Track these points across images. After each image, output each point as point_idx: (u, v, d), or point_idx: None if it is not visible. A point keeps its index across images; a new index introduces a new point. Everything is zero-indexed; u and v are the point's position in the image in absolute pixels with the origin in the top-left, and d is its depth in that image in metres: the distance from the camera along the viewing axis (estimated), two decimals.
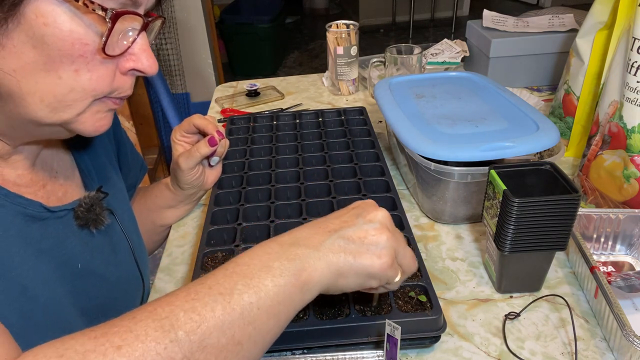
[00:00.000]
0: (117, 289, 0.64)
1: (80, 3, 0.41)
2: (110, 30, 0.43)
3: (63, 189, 0.60)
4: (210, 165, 0.78)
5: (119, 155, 0.75)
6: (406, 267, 0.50)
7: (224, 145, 0.75)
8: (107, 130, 0.71)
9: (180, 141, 0.75)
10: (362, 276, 0.46)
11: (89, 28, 0.43)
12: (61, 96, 0.45)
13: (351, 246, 0.46)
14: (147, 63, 0.48)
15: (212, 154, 0.74)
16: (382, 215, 0.49)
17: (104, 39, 0.43)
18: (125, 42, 0.46)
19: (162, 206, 0.80)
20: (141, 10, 0.47)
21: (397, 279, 0.49)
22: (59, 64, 0.43)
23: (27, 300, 0.49)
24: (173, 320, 0.38)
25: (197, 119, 0.74)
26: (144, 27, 0.47)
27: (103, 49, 0.44)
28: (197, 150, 0.72)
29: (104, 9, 0.42)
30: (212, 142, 0.72)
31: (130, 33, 0.47)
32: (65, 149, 0.63)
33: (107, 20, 0.42)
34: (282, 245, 0.46)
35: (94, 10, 0.41)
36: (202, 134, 0.75)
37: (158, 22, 0.51)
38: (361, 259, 0.46)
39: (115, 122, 0.74)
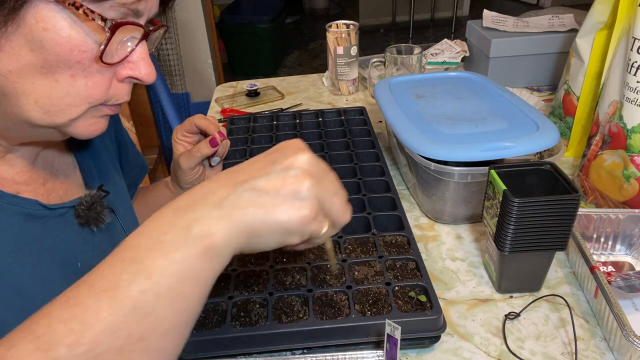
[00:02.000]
0: None
1: (80, 12, 0.41)
2: (109, 40, 0.43)
3: (64, 187, 0.60)
4: (210, 166, 0.78)
5: (120, 155, 0.75)
6: (336, 218, 0.44)
7: (225, 145, 0.75)
8: (108, 130, 0.70)
9: (182, 141, 0.76)
10: (278, 233, 0.40)
11: (88, 36, 0.43)
12: (56, 99, 0.45)
13: (263, 198, 0.39)
14: (144, 71, 0.48)
15: (213, 155, 0.74)
16: (303, 159, 0.42)
17: (102, 47, 0.43)
18: (124, 51, 0.47)
19: (162, 205, 0.80)
20: (142, 20, 0.47)
21: (324, 231, 0.43)
22: (56, 68, 0.43)
23: (24, 301, 0.49)
24: (51, 335, 0.33)
25: (198, 119, 0.74)
26: (145, 37, 0.47)
27: (101, 58, 0.44)
28: (198, 150, 0.72)
29: (104, 19, 0.42)
30: (214, 143, 0.72)
31: (129, 43, 0.47)
32: (66, 147, 0.63)
33: (106, 30, 0.42)
34: (177, 211, 0.39)
35: (94, 20, 0.42)
36: (204, 134, 0.75)
37: (161, 30, 0.52)
38: (275, 213, 0.39)
39: (116, 122, 0.74)
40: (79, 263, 0.57)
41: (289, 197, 0.40)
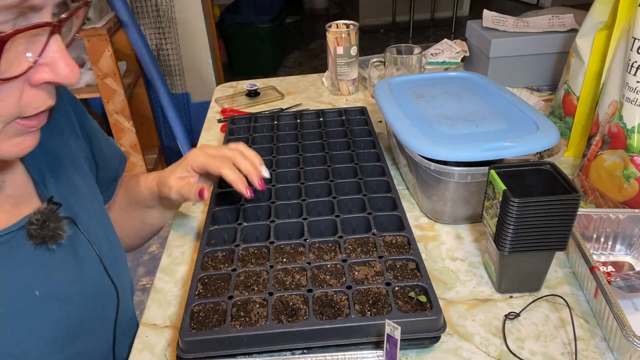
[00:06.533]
0: (86, 307, 0.58)
1: None
2: None
3: (13, 200, 0.53)
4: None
5: (92, 149, 0.69)
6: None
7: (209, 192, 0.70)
8: (72, 127, 0.64)
9: (183, 177, 0.69)
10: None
11: None
12: None
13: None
14: (64, 72, 0.41)
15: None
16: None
17: None
18: (30, 55, 0.39)
19: (146, 206, 0.76)
20: (46, 13, 0.40)
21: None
22: None
23: None
24: None
25: (229, 174, 0.66)
26: (55, 31, 0.40)
27: None
28: (189, 195, 0.66)
29: None
30: (201, 196, 0.66)
31: (29, 53, 0.39)
32: (16, 159, 0.55)
33: None
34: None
35: None
36: (204, 174, 0.70)
37: (81, 12, 0.43)
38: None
39: (82, 115, 0.67)
40: (36, 291, 0.52)
41: None
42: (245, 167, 0.67)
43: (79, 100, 0.68)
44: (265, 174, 0.68)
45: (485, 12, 1.26)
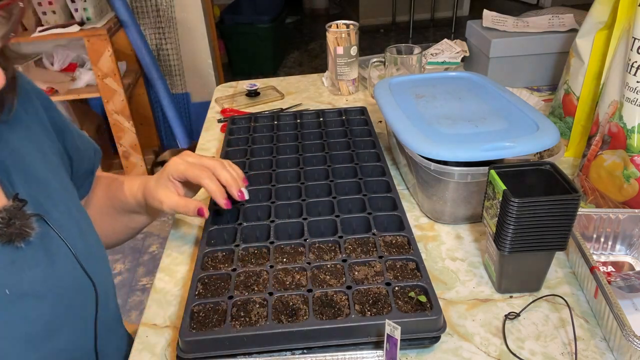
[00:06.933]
0: (61, 304, 0.57)
1: None
2: None
3: None
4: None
5: (64, 143, 0.68)
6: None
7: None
8: (41, 122, 0.63)
9: (171, 184, 0.69)
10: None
11: None
12: None
13: None
14: None
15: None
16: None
17: None
18: None
19: (132, 212, 0.76)
20: None
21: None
22: None
23: None
24: None
25: (207, 182, 0.66)
26: None
27: None
28: (187, 212, 0.67)
29: None
30: (201, 213, 0.67)
31: None
32: None
33: None
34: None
35: None
36: (186, 183, 0.69)
37: (12, 8, 0.41)
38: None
39: (51, 109, 0.66)
40: (6, 290, 0.51)
41: None
42: (225, 178, 0.68)
43: (46, 95, 0.66)
44: (245, 193, 0.69)
45: (485, 12, 1.26)
